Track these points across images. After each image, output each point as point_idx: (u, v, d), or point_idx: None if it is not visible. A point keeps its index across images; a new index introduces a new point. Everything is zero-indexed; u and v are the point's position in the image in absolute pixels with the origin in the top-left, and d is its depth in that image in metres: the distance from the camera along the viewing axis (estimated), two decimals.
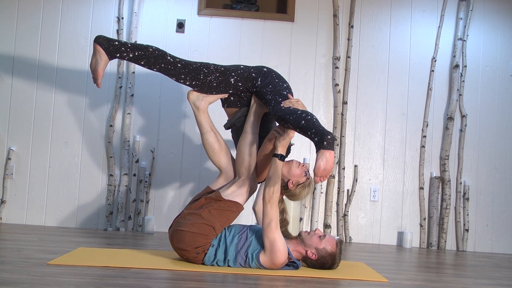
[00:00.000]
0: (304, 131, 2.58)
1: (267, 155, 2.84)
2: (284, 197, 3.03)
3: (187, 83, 2.93)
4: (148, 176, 4.19)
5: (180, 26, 4.31)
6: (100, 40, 2.87)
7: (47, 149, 4.20)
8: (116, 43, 2.88)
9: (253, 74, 2.93)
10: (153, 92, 4.28)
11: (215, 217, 2.73)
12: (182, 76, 2.90)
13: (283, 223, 2.94)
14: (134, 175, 4.18)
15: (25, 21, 4.23)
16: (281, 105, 2.72)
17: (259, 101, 2.91)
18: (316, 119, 2.61)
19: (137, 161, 4.20)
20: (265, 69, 2.97)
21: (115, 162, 4.21)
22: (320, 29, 4.40)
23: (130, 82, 4.22)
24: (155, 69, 2.90)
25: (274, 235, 2.65)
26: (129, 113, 4.21)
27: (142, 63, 2.88)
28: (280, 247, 2.65)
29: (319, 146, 2.49)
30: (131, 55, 2.86)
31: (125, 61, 4.23)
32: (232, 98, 3.00)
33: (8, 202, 4.15)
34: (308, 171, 2.95)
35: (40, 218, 4.16)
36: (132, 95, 4.24)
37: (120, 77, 4.23)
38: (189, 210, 2.81)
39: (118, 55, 2.87)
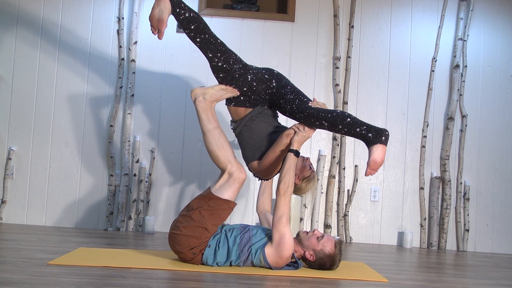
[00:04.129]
0: (349, 128, 2.66)
1: (283, 150, 2.85)
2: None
3: (219, 64, 2.89)
4: (148, 176, 4.19)
5: (180, 26, 4.30)
6: None
7: (47, 149, 4.20)
8: None
9: (266, 76, 2.98)
10: (153, 92, 4.28)
11: (205, 218, 2.73)
12: (218, 54, 2.87)
13: None
14: (135, 175, 4.18)
15: (26, 21, 4.23)
16: (309, 104, 2.81)
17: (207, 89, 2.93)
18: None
19: (137, 161, 4.20)
20: (275, 71, 3.03)
21: (116, 162, 4.21)
22: (320, 29, 4.40)
23: (131, 82, 4.23)
24: (198, 39, 2.85)
25: (285, 229, 2.67)
26: (129, 113, 4.21)
27: (193, 27, 2.82)
28: (288, 241, 2.67)
29: (376, 141, 2.61)
30: (186, 15, 2.82)
31: (128, 60, 4.24)
32: (242, 98, 2.98)
33: (8, 202, 4.15)
34: (312, 165, 3.01)
35: (40, 218, 4.16)
36: (133, 95, 4.24)
37: (120, 77, 4.23)
38: (183, 212, 2.82)
39: (177, 9, 2.81)
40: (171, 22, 4.29)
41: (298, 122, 2.88)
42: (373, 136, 2.62)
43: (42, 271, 2.41)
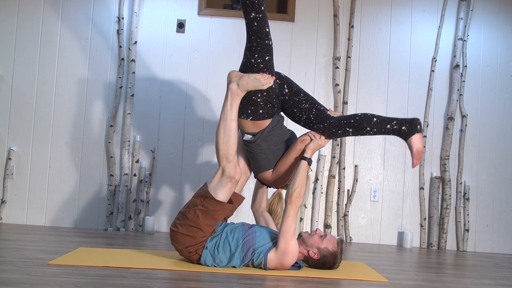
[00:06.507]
0: (379, 127, 2.73)
1: (297, 157, 2.84)
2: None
3: (270, 42, 2.77)
4: (148, 176, 4.19)
5: (181, 26, 4.31)
6: None
7: (47, 149, 4.20)
8: None
9: (278, 81, 2.89)
10: (153, 92, 4.28)
11: (199, 218, 2.71)
12: (269, 31, 2.76)
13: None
14: (135, 175, 4.18)
15: (26, 21, 4.23)
16: (328, 113, 2.84)
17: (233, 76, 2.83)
18: None
19: (137, 161, 4.20)
20: (283, 74, 2.95)
21: (115, 162, 4.21)
22: (320, 29, 4.40)
23: (131, 82, 4.22)
24: (263, 7, 2.70)
25: (293, 239, 2.67)
26: (129, 113, 4.21)
27: None
28: (294, 251, 2.67)
29: (413, 131, 2.72)
30: None
31: (123, 64, 4.24)
32: (261, 111, 2.84)
33: (8, 202, 4.15)
34: None
35: (40, 218, 4.16)
36: (133, 95, 4.24)
37: (120, 77, 4.23)
38: (182, 208, 2.83)
39: None
40: (171, 23, 4.29)
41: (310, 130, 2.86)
42: (408, 128, 2.71)
43: (42, 271, 2.41)
